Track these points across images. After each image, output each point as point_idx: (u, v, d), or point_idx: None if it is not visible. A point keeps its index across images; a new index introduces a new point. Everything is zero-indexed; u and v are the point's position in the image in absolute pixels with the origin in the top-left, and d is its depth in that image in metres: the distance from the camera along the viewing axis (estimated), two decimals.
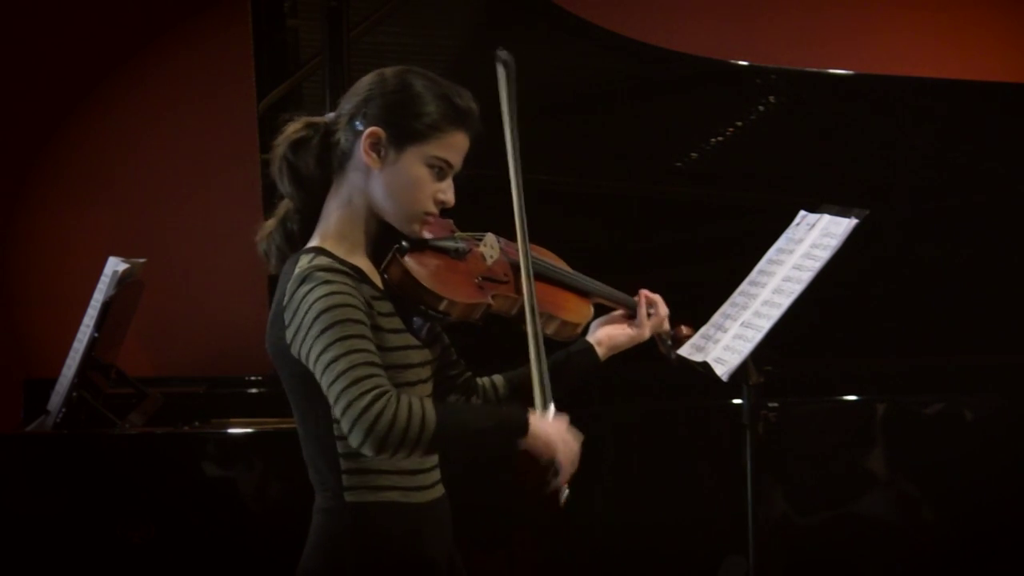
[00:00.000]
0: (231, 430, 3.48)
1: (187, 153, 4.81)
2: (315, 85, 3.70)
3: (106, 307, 3.48)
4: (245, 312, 4.57)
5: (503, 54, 2.33)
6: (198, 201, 4.82)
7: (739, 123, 3.91)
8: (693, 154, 3.97)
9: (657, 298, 2.57)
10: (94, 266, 3.63)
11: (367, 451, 2.06)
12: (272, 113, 3.73)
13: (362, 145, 2.21)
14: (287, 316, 2.16)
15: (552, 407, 2.27)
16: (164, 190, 4.82)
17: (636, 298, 2.57)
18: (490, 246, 2.38)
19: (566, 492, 2.22)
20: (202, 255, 4.81)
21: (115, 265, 3.53)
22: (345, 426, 2.06)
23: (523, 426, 2.17)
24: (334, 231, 2.25)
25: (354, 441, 2.06)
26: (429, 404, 2.10)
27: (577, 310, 2.48)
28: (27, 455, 3.26)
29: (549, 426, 2.21)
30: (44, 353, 4.55)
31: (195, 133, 4.80)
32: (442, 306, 2.24)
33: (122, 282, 3.52)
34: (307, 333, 2.11)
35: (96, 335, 3.46)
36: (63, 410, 3.42)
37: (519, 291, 2.36)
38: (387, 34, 3.70)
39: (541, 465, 2.21)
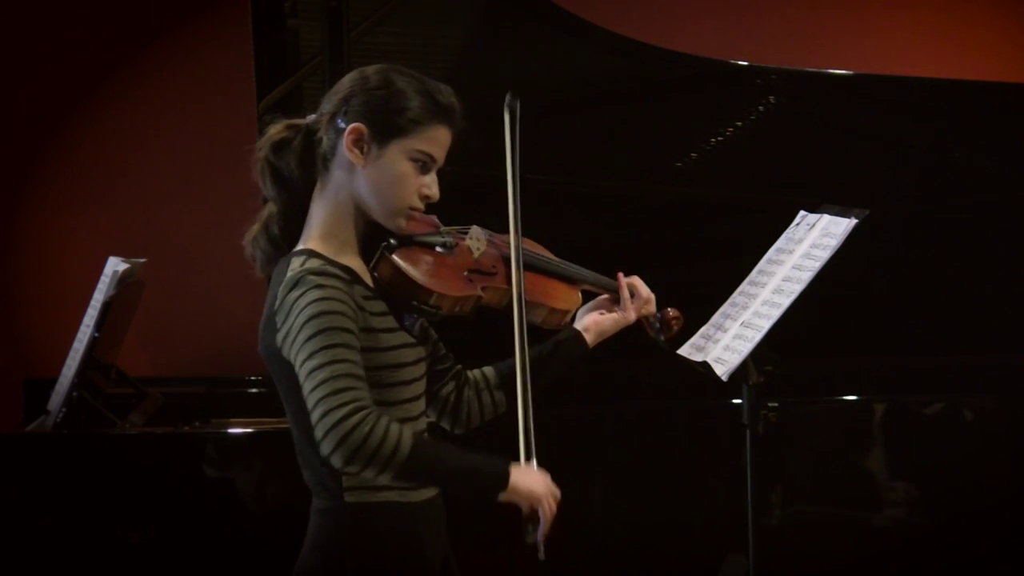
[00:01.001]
0: (231, 430, 3.48)
1: (187, 153, 4.81)
2: (315, 85, 3.69)
3: (106, 307, 3.48)
4: (245, 312, 4.52)
5: (511, 100, 2.36)
6: (198, 201, 4.81)
7: (739, 123, 3.91)
8: (693, 154, 3.97)
9: (635, 279, 2.56)
10: (94, 266, 3.63)
11: (335, 462, 2.06)
12: (272, 113, 3.73)
13: (345, 142, 2.22)
14: (279, 319, 2.16)
15: (534, 461, 2.25)
16: (164, 190, 4.81)
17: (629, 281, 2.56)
18: (476, 239, 2.39)
19: (542, 550, 2.21)
20: (202, 255, 4.81)
21: (115, 265, 3.53)
22: (318, 433, 2.06)
23: (503, 477, 2.16)
24: (322, 231, 2.25)
25: (324, 450, 2.06)
26: (408, 432, 2.10)
27: (565, 298, 2.49)
28: (27, 455, 3.26)
29: (532, 478, 2.20)
30: (44, 353, 4.55)
31: (195, 133, 4.80)
32: (432, 300, 2.25)
33: (122, 282, 3.53)
34: (295, 337, 2.12)
35: (96, 335, 3.46)
36: (63, 410, 3.42)
37: (508, 282, 2.37)
38: (387, 34, 3.70)
39: (522, 515, 2.20)
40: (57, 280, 4.76)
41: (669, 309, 2.60)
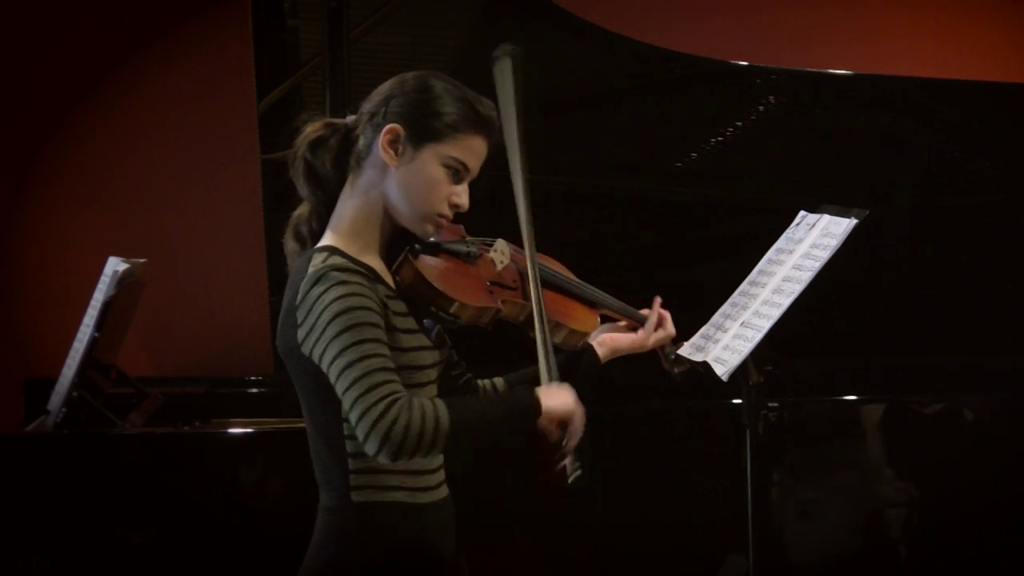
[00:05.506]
0: (231, 430, 3.48)
1: (187, 153, 4.81)
2: (315, 85, 3.70)
3: (106, 307, 3.48)
4: (245, 312, 4.57)
5: (508, 48, 2.32)
6: (198, 201, 4.81)
7: (739, 123, 3.91)
8: (693, 154, 3.97)
9: (666, 315, 2.58)
10: (94, 266, 3.63)
11: (383, 459, 2.07)
12: (272, 113, 3.73)
13: (381, 141, 2.21)
14: (300, 315, 2.15)
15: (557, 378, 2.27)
16: (164, 190, 4.82)
17: (650, 308, 2.57)
18: (500, 251, 2.39)
19: (577, 469, 2.22)
20: (202, 255, 4.81)
21: (115, 265, 3.53)
22: (360, 434, 2.06)
23: (535, 406, 2.19)
24: (347, 228, 2.24)
25: (370, 449, 2.07)
26: (441, 404, 2.10)
27: (584, 320, 2.49)
28: (27, 455, 3.26)
29: (562, 395, 2.22)
30: (44, 353, 4.55)
31: (195, 133, 4.80)
32: (453, 308, 2.24)
33: (122, 282, 3.52)
34: (321, 335, 2.11)
35: (96, 335, 3.46)
36: (63, 410, 3.42)
37: (528, 297, 2.36)
38: (387, 34, 3.71)
39: (552, 441, 2.21)
40: (57, 280, 4.76)
41: (684, 343, 2.62)
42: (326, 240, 2.25)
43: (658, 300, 2.58)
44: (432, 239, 2.28)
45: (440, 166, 2.22)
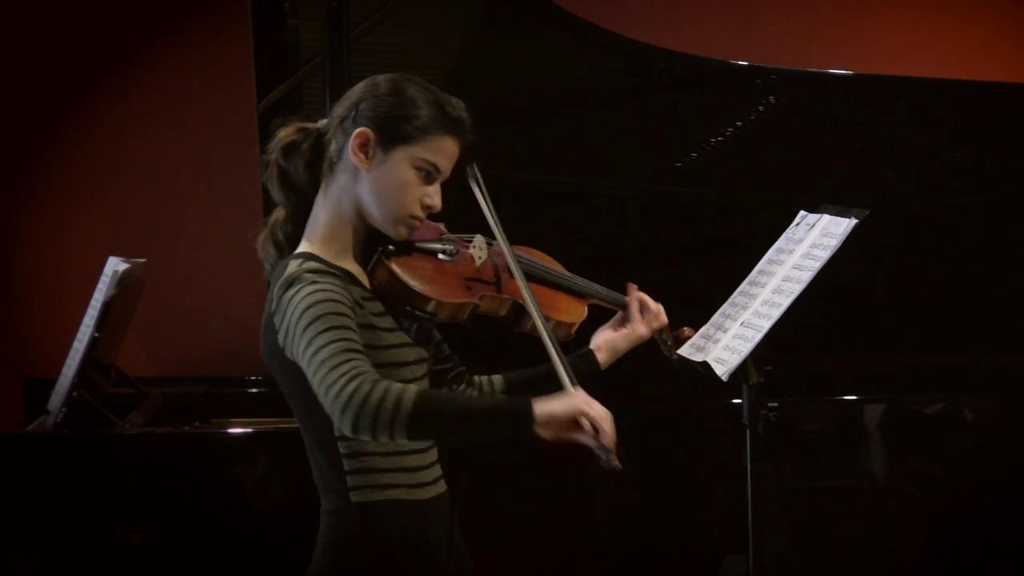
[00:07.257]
0: (231, 430, 3.48)
1: (187, 153, 4.81)
2: (315, 85, 3.70)
3: (106, 307, 3.48)
4: (245, 312, 4.53)
5: (471, 170, 2.36)
6: (198, 201, 4.81)
7: (739, 123, 3.91)
8: (693, 154, 3.97)
9: (642, 294, 2.57)
10: (94, 266, 3.63)
11: (347, 431, 2.05)
12: (272, 113, 3.73)
13: (351, 145, 2.22)
14: (278, 320, 2.16)
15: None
16: (164, 190, 4.82)
17: (627, 296, 2.57)
18: (479, 247, 2.39)
19: (616, 460, 2.10)
20: (202, 255, 4.81)
21: (115, 265, 3.53)
22: (332, 414, 2.06)
23: (524, 408, 2.06)
24: (322, 234, 2.25)
25: (339, 423, 2.05)
26: (412, 388, 2.06)
27: (571, 310, 2.49)
28: (27, 455, 3.26)
29: (562, 401, 2.10)
30: (44, 353, 4.55)
31: (195, 133, 4.80)
32: (429, 307, 2.25)
33: (122, 282, 3.53)
34: (295, 331, 2.12)
35: (96, 335, 3.46)
36: (63, 410, 3.42)
37: (507, 291, 2.36)
38: (387, 34, 3.70)
39: (588, 440, 2.10)
40: (57, 280, 4.76)
41: (685, 328, 2.62)
42: (302, 247, 2.26)
43: (633, 287, 2.57)
44: (405, 239, 2.28)
45: (411, 168, 2.23)
